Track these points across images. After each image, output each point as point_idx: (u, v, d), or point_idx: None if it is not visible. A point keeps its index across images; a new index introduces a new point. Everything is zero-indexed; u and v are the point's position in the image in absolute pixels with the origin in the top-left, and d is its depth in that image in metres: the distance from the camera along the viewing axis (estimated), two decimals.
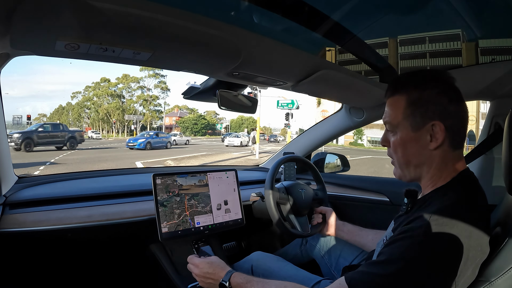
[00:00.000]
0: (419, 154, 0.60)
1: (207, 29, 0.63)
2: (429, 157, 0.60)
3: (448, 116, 0.58)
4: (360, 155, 16.34)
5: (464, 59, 0.91)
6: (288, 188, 1.13)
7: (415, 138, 0.60)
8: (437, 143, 0.58)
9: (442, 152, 0.59)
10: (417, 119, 0.59)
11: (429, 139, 0.58)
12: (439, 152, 0.59)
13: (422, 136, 0.59)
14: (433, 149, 0.59)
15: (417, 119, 0.59)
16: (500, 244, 0.55)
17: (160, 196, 0.97)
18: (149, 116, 43.01)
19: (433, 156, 0.59)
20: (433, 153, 0.59)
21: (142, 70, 41.47)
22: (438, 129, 0.57)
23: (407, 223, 0.56)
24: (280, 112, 43.63)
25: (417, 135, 0.59)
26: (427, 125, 0.58)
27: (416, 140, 0.60)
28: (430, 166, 0.60)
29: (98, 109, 41.40)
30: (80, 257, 1.05)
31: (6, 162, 0.93)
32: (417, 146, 0.60)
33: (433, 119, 0.58)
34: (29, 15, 0.51)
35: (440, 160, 0.59)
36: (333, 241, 1.08)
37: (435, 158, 0.59)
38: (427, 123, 0.58)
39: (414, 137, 0.60)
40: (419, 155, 0.60)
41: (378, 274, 0.52)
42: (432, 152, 0.59)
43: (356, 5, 0.69)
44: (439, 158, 0.59)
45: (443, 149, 0.59)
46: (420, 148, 0.60)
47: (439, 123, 0.57)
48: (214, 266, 0.79)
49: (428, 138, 0.58)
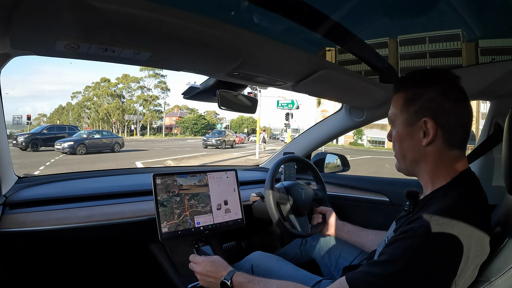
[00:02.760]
0: (413, 149, 0.62)
1: (207, 29, 0.63)
2: (424, 154, 0.61)
3: (442, 114, 0.58)
4: (360, 155, 16.33)
5: (464, 59, 0.91)
6: (288, 188, 1.13)
7: (409, 133, 0.62)
8: (428, 139, 0.59)
9: (437, 149, 0.60)
10: (411, 115, 0.61)
11: (422, 135, 0.60)
12: (433, 149, 0.60)
13: (415, 132, 0.61)
14: (425, 145, 0.60)
15: (411, 115, 0.61)
16: (500, 244, 0.55)
17: (160, 196, 0.97)
18: (149, 116, 42.98)
19: (427, 153, 0.61)
20: (427, 149, 0.60)
21: (142, 70, 41.45)
22: (429, 125, 0.59)
23: (408, 223, 0.56)
24: (280, 112, 43.70)
25: (411, 130, 0.62)
26: (420, 121, 0.60)
27: (410, 135, 0.62)
28: (426, 162, 0.62)
29: (98, 109, 41.37)
30: (80, 257, 1.04)
31: (6, 162, 0.93)
32: (411, 141, 0.62)
33: (426, 115, 0.59)
34: (29, 15, 0.51)
35: (436, 158, 0.60)
36: (333, 241, 1.08)
37: (429, 155, 0.61)
38: (419, 119, 0.60)
39: (408, 132, 0.62)
40: (413, 150, 0.62)
41: (379, 274, 0.53)
42: (425, 149, 0.60)
43: (356, 5, 0.69)
44: (434, 156, 0.60)
45: (437, 146, 0.60)
46: (414, 144, 0.62)
47: (430, 120, 0.58)
48: (216, 265, 0.80)
49: (421, 134, 0.60)
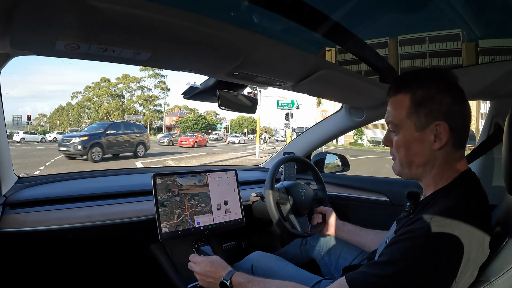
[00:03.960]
0: (422, 154, 0.59)
1: (207, 29, 0.63)
2: (432, 158, 0.59)
3: (453, 116, 0.57)
4: (360, 155, 16.32)
5: (464, 59, 0.90)
6: (288, 188, 1.13)
7: (419, 138, 0.59)
8: (441, 143, 0.57)
9: (445, 152, 0.58)
10: (421, 119, 0.58)
11: (433, 139, 0.57)
12: (442, 152, 0.58)
13: (426, 136, 0.58)
14: (437, 149, 0.58)
15: (421, 118, 0.58)
16: (500, 244, 0.55)
17: (160, 196, 0.97)
18: (149, 116, 42.99)
19: (436, 157, 0.59)
20: (436, 153, 0.58)
21: (142, 70, 41.43)
22: (442, 129, 0.57)
23: (409, 224, 0.56)
24: (280, 112, 43.56)
25: (421, 135, 0.59)
26: (432, 125, 0.57)
27: (420, 140, 0.59)
28: (433, 166, 0.60)
29: (98, 109, 41.38)
30: (80, 257, 1.04)
31: (6, 162, 0.93)
32: (421, 146, 0.59)
33: (438, 118, 0.57)
34: (29, 15, 0.51)
35: (443, 161, 0.59)
36: (333, 241, 1.08)
37: (438, 159, 0.59)
38: (431, 123, 0.57)
39: (417, 137, 0.59)
40: (422, 155, 0.59)
41: (379, 274, 0.52)
42: (435, 153, 0.58)
43: (356, 5, 0.69)
44: (442, 159, 0.59)
45: (446, 149, 0.58)
46: (424, 148, 0.59)
47: (444, 123, 0.56)
48: (215, 265, 0.79)
49: (432, 138, 0.58)
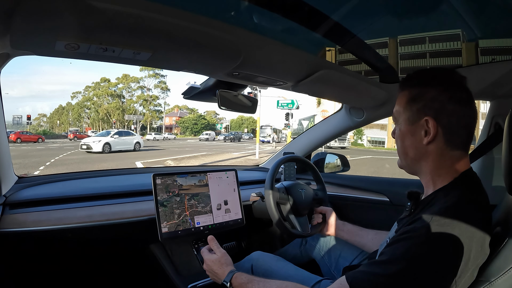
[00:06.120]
0: (414, 148, 0.62)
1: (207, 29, 0.63)
2: (425, 153, 0.61)
3: (444, 114, 0.58)
4: (360, 155, 16.33)
5: (464, 59, 0.90)
6: (288, 188, 1.13)
7: (410, 131, 0.62)
8: (428, 138, 0.59)
9: (438, 149, 0.60)
10: (414, 113, 0.62)
11: (424, 134, 0.60)
12: (434, 148, 0.60)
13: (417, 130, 0.61)
14: (426, 144, 0.60)
15: (413, 113, 0.62)
16: (500, 244, 0.55)
17: (160, 196, 0.97)
18: (149, 116, 43.02)
19: (428, 152, 0.61)
20: (428, 148, 0.60)
21: (142, 70, 41.51)
22: (430, 124, 0.59)
23: (409, 224, 0.56)
24: (280, 112, 43.58)
25: (413, 128, 0.62)
26: (421, 120, 0.60)
27: (412, 133, 0.62)
28: (426, 161, 0.62)
29: (98, 109, 41.42)
30: (80, 257, 1.04)
31: (6, 162, 0.93)
32: (412, 139, 0.62)
33: (427, 114, 0.59)
34: (29, 15, 0.51)
35: (437, 158, 0.60)
36: (333, 241, 1.08)
37: (430, 154, 0.61)
38: (421, 117, 0.60)
39: (410, 130, 0.63)
40: (414, 148, 0.62)
41: (380, 274, 0.53)
42: (426, 148, 0.60)
43: (356, 5, 0.69)
44: (435, 155, 0.60)
45: (438, 146, 0.60)
46: (415, 142, 0.62)
47: (431, 119, 0.59)
48: (220, 264, 0.82)
49: (423, 133, 0.60)
